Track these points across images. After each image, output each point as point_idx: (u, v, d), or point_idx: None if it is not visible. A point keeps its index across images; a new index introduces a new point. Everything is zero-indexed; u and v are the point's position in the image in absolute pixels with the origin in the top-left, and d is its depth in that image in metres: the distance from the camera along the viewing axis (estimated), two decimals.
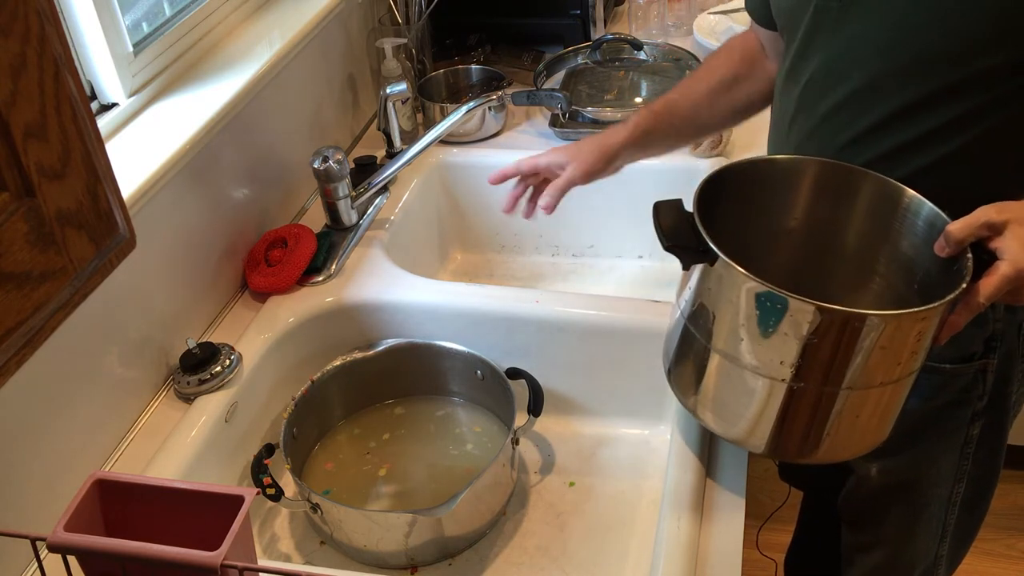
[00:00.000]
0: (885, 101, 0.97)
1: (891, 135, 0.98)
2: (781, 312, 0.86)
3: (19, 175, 0.57)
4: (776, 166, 1.05)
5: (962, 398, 1.14)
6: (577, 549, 1.15)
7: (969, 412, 1.15)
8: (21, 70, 0.56)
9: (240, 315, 1.31)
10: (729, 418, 0.98)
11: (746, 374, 0.92)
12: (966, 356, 1.10)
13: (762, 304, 0.87)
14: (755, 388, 0.92)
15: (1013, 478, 2.13)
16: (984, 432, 1.17)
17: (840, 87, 1.01)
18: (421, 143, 1.44)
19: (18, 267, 0.57)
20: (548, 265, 1.68)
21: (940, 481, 1.22)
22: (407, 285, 1.34)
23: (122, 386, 1.13)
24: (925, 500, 1.25)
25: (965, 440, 1.18)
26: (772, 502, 1.95)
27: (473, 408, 1.31)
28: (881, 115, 0.97)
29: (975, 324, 1.03)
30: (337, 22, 1.61)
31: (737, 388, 0.95)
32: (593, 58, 1.79)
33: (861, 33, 0.98)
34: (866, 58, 0.98)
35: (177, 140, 1.18)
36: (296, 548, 1.18)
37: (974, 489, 1.24)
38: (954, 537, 1.29)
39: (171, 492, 0.83)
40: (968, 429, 1.17)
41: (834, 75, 1.02)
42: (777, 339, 0.88)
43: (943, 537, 1.27)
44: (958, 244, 0.88)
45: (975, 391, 1.13)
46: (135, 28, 1.29)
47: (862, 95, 0.99)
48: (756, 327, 0.89)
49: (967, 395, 1.13)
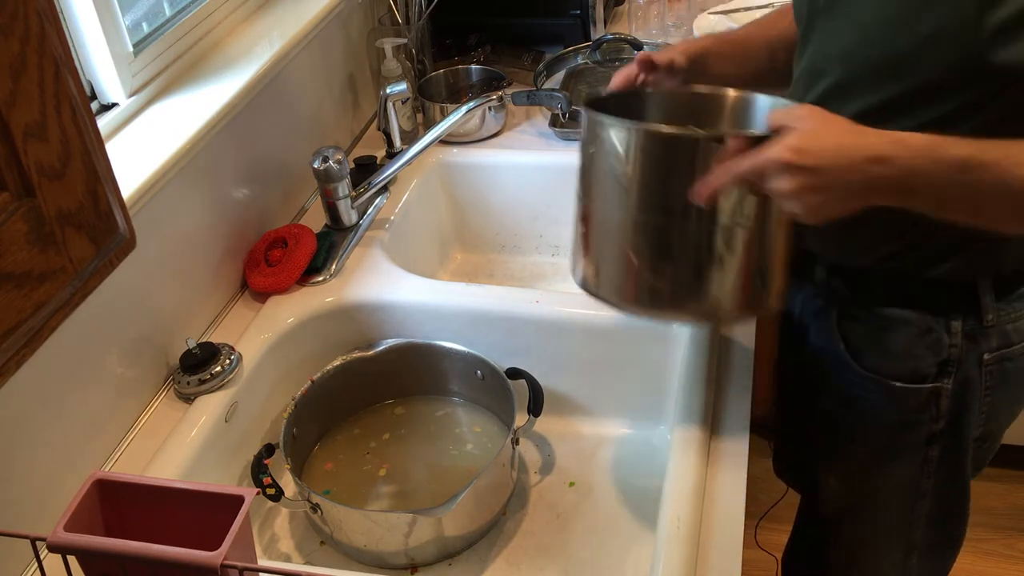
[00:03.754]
0: (858, 99, 0.99)
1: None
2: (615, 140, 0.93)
3: (19, 175, 0.57)
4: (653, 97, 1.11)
5: (916, 419, 1.14)
6: (577, 549, 1.15)
7: (924, 433, 1.15)
8: (21, 70, 0.56)
9: (240, 315, 1.31)
10: (604, 271, 1.01)
11: (608, 219, 0.98)
12: (917, 377, 1.11)
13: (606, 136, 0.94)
14: (615, 229, 0.98)
15: (1013, 478, 2.13)
16: (945, 455, 1.17)
17: (819, 83, 1.04)
18: (421, 143, 1.44)
19: (18, 267, 0.57)
20: (548, 265, 1.68)
21: (898, 496, 1.23)
22: (407, 285, 1.34)
23: (122, 386, 1.13)
24: (884, 514, 1.26)
25: (924, 460, 1.18)
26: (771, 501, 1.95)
27: (473, 408, 1.31)
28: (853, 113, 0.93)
29: (928, 347, 1.08)
30: (337, 22, 1.61)
31: (604, 237, 1.00)
32: (593, 58, 1.79)
33: (837, 31, 1.00)
34: (837, 57, 1.01)
35: (177, 140, 1.18)
36: (296, 548, 1.18)
37: (940, 507, 1.23)
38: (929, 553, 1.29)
39: (171, 492, 0.83)
40: (926, 450, 1.17)
41: (816, 71, 1.04)
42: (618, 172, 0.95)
43: (909, 551, 1.27)
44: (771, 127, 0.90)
45: (928, 412, 1.13)
46: (135, 28, 1.29)
47: (835, 93, 1.01)
48: (607, 164, 0.96)
49: (920, 416, 1.13)
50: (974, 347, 1.08)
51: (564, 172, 1.60)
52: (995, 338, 1.08)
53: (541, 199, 1.64)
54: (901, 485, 1.22)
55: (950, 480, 1.20)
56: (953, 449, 1.17)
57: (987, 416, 1.14)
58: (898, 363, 1.11)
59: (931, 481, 1.20)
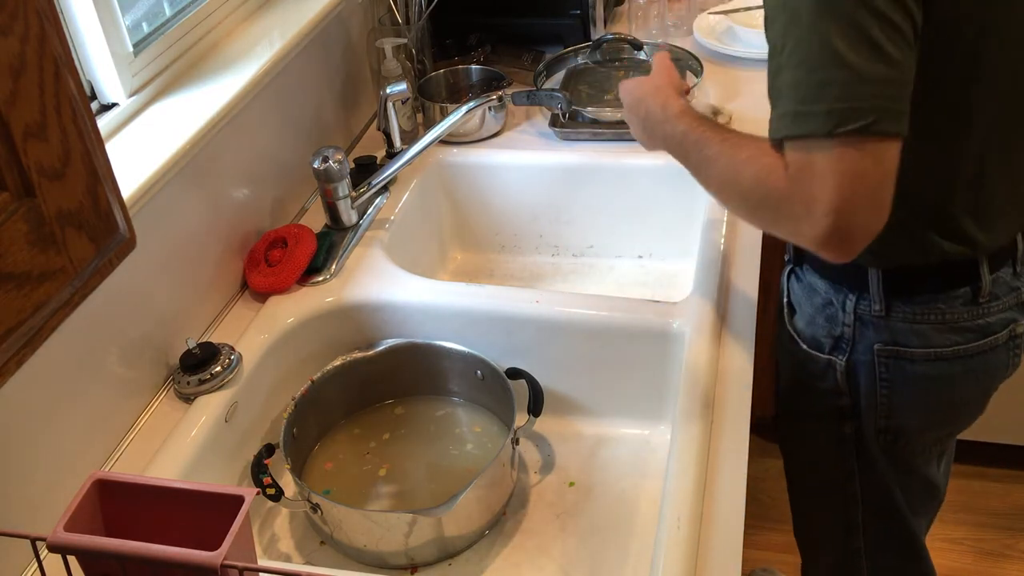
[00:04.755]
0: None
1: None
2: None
3: (19, 175, 0.57)
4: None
5: (820, 386, 1.21)
6: (577, 549, 1.15)
7: (833, 404, 1.21)
8: (21, 70, 0.56)
9: (240, 315, 1.31)
10: None
11: None
12: (816, 345, 1.20)
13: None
14: None
15: (1013, 478, 2.13)
16: (858, 438, 1.23)
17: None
18: (421, 143, 1.44)
19: (18, 267, 0.57)
20: (548, 265, 1.68)
21: (823, 466, 1.31)
22: (407, 285, 1.34)
23: (122, 386, 1.13)
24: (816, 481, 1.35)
25: (840, 438, 1.24)
26: (772, 502, 1.95)
27: (473, 408, 1.31)
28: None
29: (827, 319, 1.17)
30: (337, 22, 1.61)
31: None
32: (593, 58, 1.79)
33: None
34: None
35: (177, 140, 1.18)
36: (296, 548, 1.18)
37: (877, 496, 1.28)
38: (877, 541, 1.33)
39: (171, 492, 0.83)
40: (839, 425, 1.23)
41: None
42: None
43: (849, 531, 1.33)
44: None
45: (827, 381, 1.20)
46: (135, 28, 1.29)
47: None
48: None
49: (821, 383, 1.20)
50: (865, 332, 1.14)
51: (564, 172, 1.61)
52: (887, 332, 1.13)
53: (541, 199, 1.64)
54: (827, 455, 1.28)
55: (868, 469, 1.25)
56: (862, 436, 1.22)
57: (888, 410, 1.18)
58: (806, 328, 1.20)
59: (853, 461, 1.26)
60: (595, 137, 1.63)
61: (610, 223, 1.63)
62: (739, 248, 1.36)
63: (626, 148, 1.58)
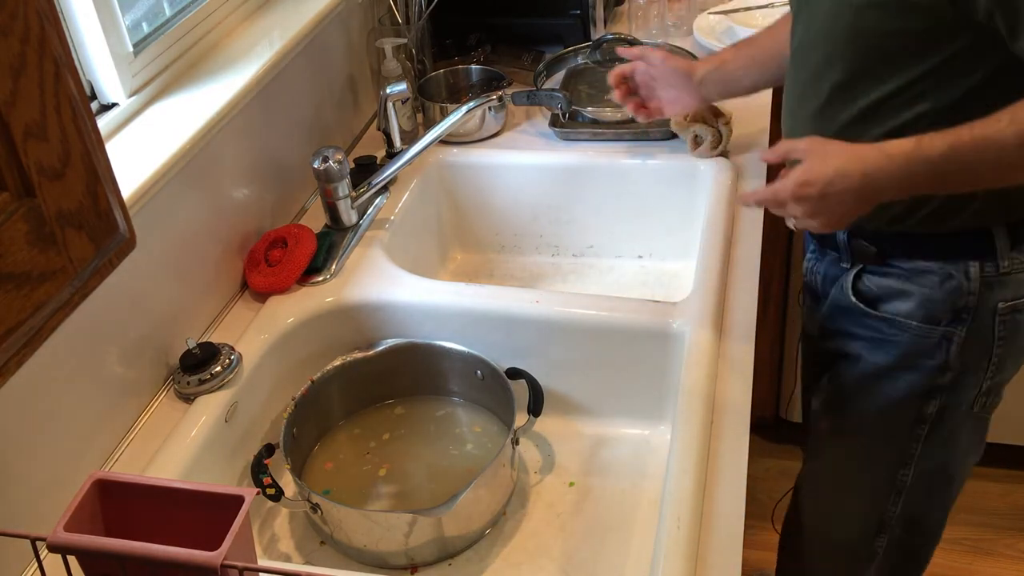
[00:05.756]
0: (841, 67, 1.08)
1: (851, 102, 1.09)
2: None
3: (19, 175, 0.57)
4: None
5: (921, 364, 1.19)
6: (577, 549, 1.15)
7: (926, 382, 1.19)
8: (21, 70, 0.56)
9: (240, 315, 1.31)
10: None
11: None
12: (933, 319, 1.16)
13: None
14: None
15: (1013, 478, 2.13)
16: (941, 418, 1.21)
17: (810, 59, 1.13)
18: (421, 143, 1.44)
19: (18, 267, 0.57)
20: (548, 265, 1.68)
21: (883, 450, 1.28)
22: (407, 285, 1.34)
23: (122, 386, 1.13)
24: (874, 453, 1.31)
25: (917, 417, 1.22)
26: (772, 502, 1.95)
27: (473, 408, 1.31)
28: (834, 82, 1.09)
29: (948, 292, 1.14)
30: (337, 22, 1.61)
31: None
32: (593, 58, 1.79)
33: (819, 7, 1.09)
34: (822, 31, 1.10)
35: (177, 140, 1.18)
36: (296, 548, 1.18)
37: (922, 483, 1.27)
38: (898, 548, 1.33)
39: (171, 492, 0.83)
40: (922, 405, 1.21)
41: (806, 47, 1.14)
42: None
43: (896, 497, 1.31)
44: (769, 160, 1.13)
45: (935, 358, 1.18)
46: (135, 28, 1.29)
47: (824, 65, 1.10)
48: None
49: (927, 361, 1.18)
50: (990, 295, 1.13)
51: (564, 172, 1.61)
52: (1010, 287, 1.13)
53: (541, 199, 1.64)
54: (895, 436, 1.26)
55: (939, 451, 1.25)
56: (949, 413, 1.21)
57: (997, 368, 1.18)
58: (916, 308, 1.16)
59: (918, 447, 1.24)
60: (595, 137, 1.63)
61: (610, 223, 1.63)
62: (739, 248, 1.36)
63: (626, 148, 1.58)
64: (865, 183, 1.00)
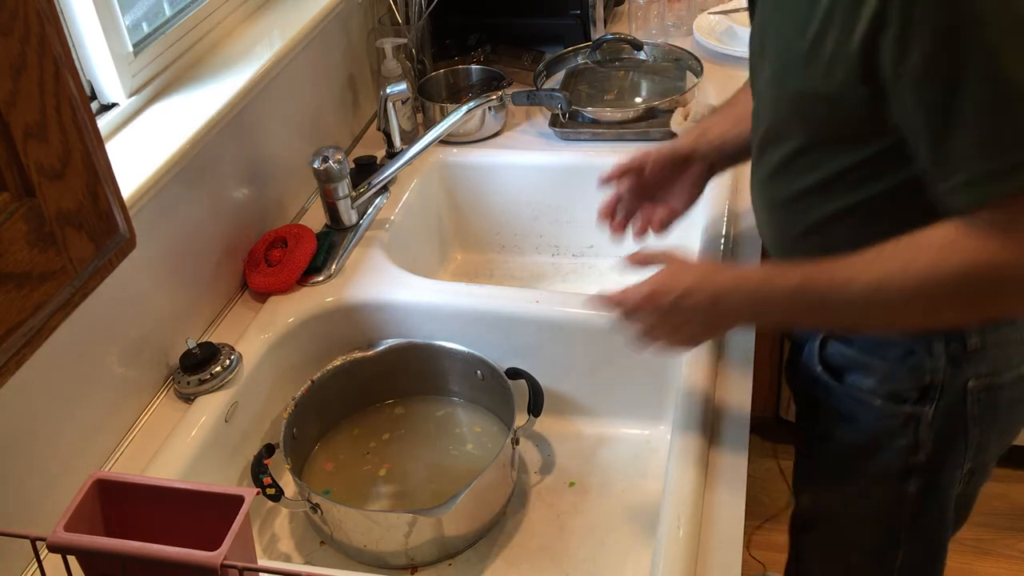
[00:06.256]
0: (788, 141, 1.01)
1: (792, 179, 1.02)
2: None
3: (19, 175, 0.57)
4: None
5: (893, 445, 1.09)
6: (577, 549, 1.15)
7: (900, 463, 1.10)
8: (21, 70, 0.56)
9: (240, 315, 1.31)
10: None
11: None
12: (896, 397, 1.07)
13: None
14: None
15: (1013, 478, 2.13)
16: (924, 497, 1.12)
17: (759, 126, 1.06)
18: (421, 143, 1.44)
19: (18, 267, 0.57)
20: (548, 265, 1.68)
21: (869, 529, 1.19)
22: (407, 285, 1.34)
23: (122, 386, 1.13)
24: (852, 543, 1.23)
25: (898, 498, 1.13)
26: (772, 502, 1.95)
27: (473, 408, 1.31)
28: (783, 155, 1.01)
29: (910, 370, 1.05)
30: (337, 22, 1.61)
31: None
32: (593, 58, 1.79)
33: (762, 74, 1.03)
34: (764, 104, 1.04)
35: (177, 140, 1.18)
36: (296, 548, 1.18)
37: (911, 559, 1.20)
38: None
39: (171, 492, 0.83)
40: (900, 485, 1.12)
41: (756, 114, 1.07)
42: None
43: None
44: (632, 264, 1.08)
45: (904, 438, 1.08)
46: (135, 28, 1.29)
47: (770, 136, 1.04)
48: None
49: (894, 441, 1.09)
50: (958, 372, 1.03)
51: (564, 172, 1.61)
52: (981, 363, 1.03)
53: (541, 199, 1.64)
54: (876, 518, 1.18)
55: (927, 529, 1.17)
56: (933, 492, 1.12)
57: (977, 449, 1.10)
58: (879, 385, 1.08)
59: (905, 532, 1.16)
60: (595, 137, 1.63)
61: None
62: (739, 248, 1.36)
63: (626, 148, 1.58)
64: (715, 303, 0.97)
